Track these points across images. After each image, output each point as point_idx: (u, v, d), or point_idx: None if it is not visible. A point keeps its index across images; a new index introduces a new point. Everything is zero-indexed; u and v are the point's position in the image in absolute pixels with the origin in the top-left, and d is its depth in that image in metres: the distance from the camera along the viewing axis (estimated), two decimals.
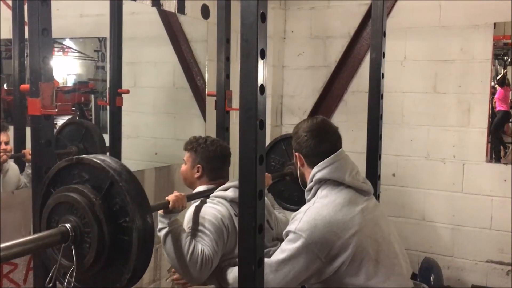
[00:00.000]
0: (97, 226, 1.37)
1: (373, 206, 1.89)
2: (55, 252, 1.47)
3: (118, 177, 1.38)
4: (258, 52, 1.32)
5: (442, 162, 3.53)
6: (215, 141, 2.22)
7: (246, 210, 1.39)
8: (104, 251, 1.38)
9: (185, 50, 3.66)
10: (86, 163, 1.45)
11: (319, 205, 1.78)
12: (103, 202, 1.39)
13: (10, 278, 2.09)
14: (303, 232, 1.70)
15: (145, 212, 1.39)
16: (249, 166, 1.36)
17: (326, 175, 1.81)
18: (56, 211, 1.45)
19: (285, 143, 2.74)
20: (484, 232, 3.42)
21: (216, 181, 2.15)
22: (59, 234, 1.39)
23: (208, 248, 1.88)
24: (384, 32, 2.38)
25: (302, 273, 1.71)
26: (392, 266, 1.78)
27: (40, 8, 1.66)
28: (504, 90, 3.66)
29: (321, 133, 1.88)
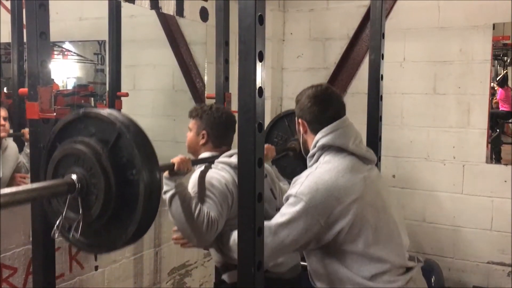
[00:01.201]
0: (104, 177, 1.34)
1: (376, 175, 1.87)
2: (60, 205, 1.44)
3: (126, 130, 1.36)
4: (256, 54, 1.32)
5: (442, 163, 3.52)
6: (220, 108, 2.21)
7: (245, 212, 1.39)
8: (111, 203, 1.36)
9: (184, 53, 3.66)
10: (92, 117, 1.42)
11: (321, 170, 1.75)
12: (110, 154, 1.36)
13: (10, 282, 2.08)
14: (304, 196, 1.68)
15: (152, 165, 1.36)
16: (248, 168, 1.36)
17: (330, 141, 1.78)
18: (62, 163, 1.43)
19: (288, 119, 2.70)
20: (484, 233, 3.41)
21: (221, 148, 2.14)
22: (65, 185, 1.37)
23: (213, 211, 1.87)
24: (383, 33, 2.38)
25: (301, 237, 1.69)
26: (391, 235, 1.77)
27: (38, 12, 1.66)
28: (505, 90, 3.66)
29: (326, 100, 1.86)
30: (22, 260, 2.11)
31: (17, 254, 2.10)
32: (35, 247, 1.83)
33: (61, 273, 2.28)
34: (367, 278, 1.70)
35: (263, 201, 1.41)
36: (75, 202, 1.39)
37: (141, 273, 2.84)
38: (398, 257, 1.76)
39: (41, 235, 1.79)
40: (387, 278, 1.70)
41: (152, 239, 2.90)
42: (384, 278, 1.70)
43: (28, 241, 2.07)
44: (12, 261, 2.08)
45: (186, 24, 3.49)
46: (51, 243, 1.84)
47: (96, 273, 2.51)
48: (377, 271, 1.70)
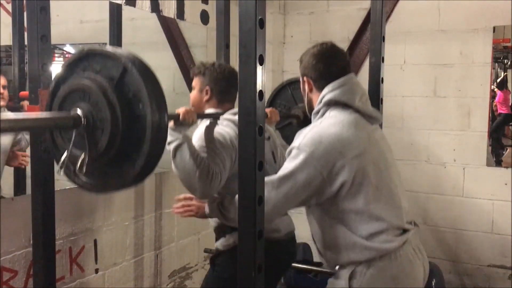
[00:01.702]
0: (110, 110, 1.32)
1: (380, 136, 1.86)
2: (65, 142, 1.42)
3: (131, 64, 1.34)
4: (256, 58, 1.32)
5: (443, 166, 3.52)
6: (222, 64, 2.22)
7: (245, 216, 1.39)
8: (117, 137, 1.34)
9: (185, 56, 3.66)
10: (97, 53, 1.41)
11: (326, 124, 1.73)
12: (117, 89, 1.35)
13: (10, 285, 2.08)
14: (307, 147, 1.66)
15: (159, 100, 1.34)
16: (248, 172, 1.36)
17: (336, 97, 1.76)
18: (67, 100, 1.41)
19: (291, 87, 2.68)
20: (485, 236, 3.41)
21: (225, 104, 2.14)
22: (71, 119, 1.35)
23: (217, 164, 1.87)
24: (383, 36, 2.38)
25: (303, 190, 1.66)
26: (391, 196, 1.76)
27: (39, 15, 1.66)
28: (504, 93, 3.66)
29: (331, 56, 1.84)
30: (23, 263, 2.12)
31: (18, 257, 2.10)
32: (36, 250, 1.83)
33: (61, 276, 2.29)
34: (364, 237, 1.69)
35: (263, 204, 1.41)
36: (81, 139, 1.37)
37: (142, 276, 2.84)
38: (396, 218, 1.75)
39: (41, 237, 1.80)
40: (384, 238, 1.69)
41: (152, 241, 2.90)
42: (381, 237, 1.69)
43: (28, 244, 2.07)
44: (13, 264, 2.08)
45: (187, 27, 3.49)
46: (51, 246, 1.85)
47: (96, 275, 2.51)
48: (375, 230, 1.69)
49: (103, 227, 2.53)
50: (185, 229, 3.14)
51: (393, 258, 1.69)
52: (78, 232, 2.38)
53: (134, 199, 2.75)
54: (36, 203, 1.79)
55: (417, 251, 1.79)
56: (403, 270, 1.71)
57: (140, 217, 2.79)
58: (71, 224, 2.34)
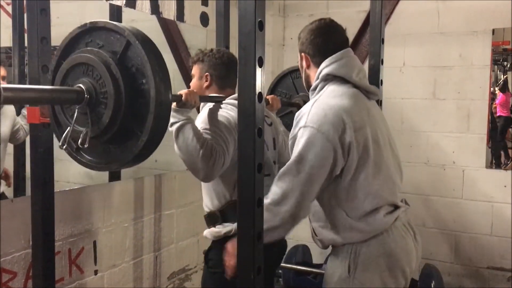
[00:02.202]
0: (113, 85, 1.31)
1: (378, 111, 1.87)
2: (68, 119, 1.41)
3: (134, 38, 1.32)
4: (256, 60, 1.32)
5: (442, 168, 3.53)
6: (221, 50, 2.21)
7: (244, 218, 1.39)
8: (120, 112, 1.32)
9: (184, 58, 3.66)
10: (100, 27, 1.39)
11: (325, 97, 1.73)
12: (120, 63, 1.33)
13: (9, 286, 2.08)
14: (314, 124, 1.64)
15: (162, 74, 1.33)
16: (247, 174, 1.36)
17: (334, 71, 1.76)
18: (70, 74, 1.39)
19: (292, 76, 2.67)
20: (484, 238, 3.41)
21: (225, 90, 2.13)
22: (74, 93, 1.33)
23: (220, 146, 1.86)
24: (382, 38, 2.39)
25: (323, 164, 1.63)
26: (389, 173, 1.77)
27: (39, 17, 1.67)
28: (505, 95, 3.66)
29: (328, 31, 1.84)
30: (22, 264, 2.12)
31: (17, 258, 2.10)
32: (35, 251, 1.84)
33: (60, 277, 2.29)
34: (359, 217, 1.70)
35: (262, 206, 1.41)
36: (83, 114, 1.34)
37: (141, 278, 2.84)
38: (391, 194, 1.77)
39: (41, 239, 1.80)
40: (377, 217, 1.71)
41: (151, 243, 2.90)
42: (375, 216, 1.71)
43: (28, 245, 2.08)
44: (12, 265, 2.08)
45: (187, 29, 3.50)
46: (50, 247, 1.85)
47: (95, 277, 2.51)
48: (371, 208, 1.70)
49: (103, 228, 2.53)
50: (185, 230, 3.14)
51: (386, 235, 1.72)
52: (77, 233, 2.38)
53: (134, 201, 2.75)
54: (35, 205, 1.80)
55: (408, 227, 1.81)
56: (396, 245, 1.73)
57: (140, 218, 2.79)
58: (70, 226, 2.34)
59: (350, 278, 1.72)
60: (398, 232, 1.75)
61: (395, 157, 1.88)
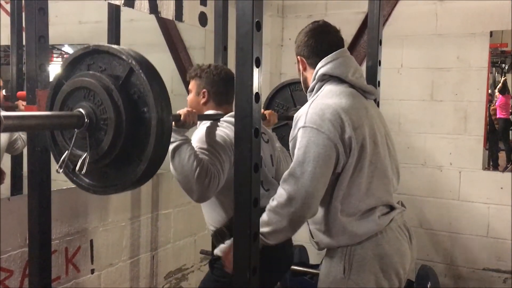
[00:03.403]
0: (115, 112, 1.29)
1: (376, 110, 1.87)
2: (67, 142, 1.39)
3: (138, 65, 1.31)
4: (253, 60, 1.33)
5: (439, 170, 3.53)
6: (218, 66, 2.21)
7: (241, 217, 1.39)
8: (120, 140, 1.31)
9: (183, 57, 3.67)
10: (103, 51, 1.38)
11: (323, 97, 1.73)
12: (122, 90, 1.31)
13: (6, 285, 2.08)
14: (313, 124, 1.64)
15: (164, 104, 1.32)
16: (244, 174, 1.37)
17: (330, 70, 1.76)
18: (70, 97, 1.37)
19: (291, 88, 2.67)
20: (481, 239, 3.42)
21: (223, 106, 2.13)
22: (74, 117, 1.32)
23: (215, 166, 1.86)
24: (380, 40, 2.39)
25: (326, 163, 1.63)
26: (385, 172, 1.77)
27: (37, 16, 1.67)
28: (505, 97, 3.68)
29: (323, 32, 1.84)
30: (19, 262, 2.12)
31: (14, 256, 2.10)
32: (32, 250, 1.84)
33: (57, 276, 2.29)
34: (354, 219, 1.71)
35: (259, 206, 1.41)
36: (83, 139, 1.34)
37: (138, 277, 2.84)
38: (386, 194, 1.77)
39: (37, 237, 1.80)
40: (372, 218, 1.71)
41: (148, 242, 2.90)
42: (370, 217, 1.71)
43: (24, 243, 2.07)
44: (9, 264, 2.08)
45: (185, 29, 3.50)
46: (47, 246, 1.85)
47: (92, 276, 2.51)
48: (366, 208, 1.71)
49: (99, 227, 2.53)
50: (182, 230, 3.15)
51: (380, 236, 1.73)
52: (74, 232, 2.38)
53: (131, 200, 2.75)
54: (32, 203, 1.79)
55: (404, 229, 1.82)
56: (390, 247, 1.74)
57: (137, 218, 2.80)
58: (67, 224, 2.34)
59: (345, 279, 1.72)
60: (392, 233, 1.76)
61: (393, 157, 1.88)
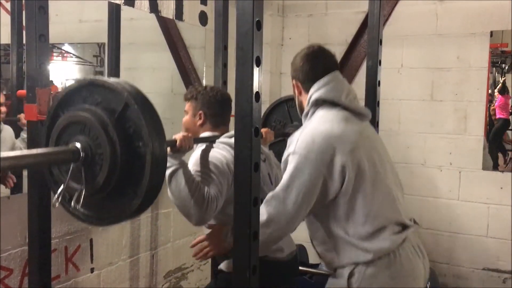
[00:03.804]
0: (110, 147, 1.31)
1: (372, 131, 1.87)
2: (62, 174, 1.41)
3: (134, 100, 1.32)
4: (253, 59, 1.33)
5: (439, 170, 3.53)
6: (214, 88, 2.22)
7: (240, 217, 1.39)
8: (115, 174, 1.32)
9: (183, 56, 3.67)
10: (99, 85, 1.39)
11: (315, 123, 1.75)
12: (117, 124, 1.33)
13: (5, 283, 2.08)
14: (301, 150, 1.66)
15: (160, 137, 1.33)
16: (244, 173, 1.36)
17: (323, 95, 1.78)
18: (66, 131, 1.39)
19: (288, 104, 2.68)
20: (480, 239, 3.42)
21: (219, 128, 2.14)
22: (69, 152, 1.34)
23: (213, 189, 1.86)
24: (380, 40, 2.39)
25: (311, 192, 1.65)
26: (388, 191, 1.75)
27: (37, 15, 1.67)
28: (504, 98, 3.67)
29: (317, 57, 1.86)
30: (18, 261, 2.12)
31: (13, 255, 2.10)
32: (32, 249, 1.84)
33: (57, 274, 2.29)
34: (363, 238, 1.68)
35: (258, 205, 1.41)
36: (78, 172, 1.35)
37: (137, 276, 2.84)
38: (394, 213, 1.74)
39: (37, 236, 1.80)
40: (383, 236, 1.68)
41: (148, 241, 2.90)
42: (380, 236, 1.68)
43: (24, 242, 2.08)
44: (8, 262, 2.08)
45: (186, 28, 3.50)
46: (47, 244, 1.85)
47: (91, 275, 2.51)
48: (374, 228, 1.68)
49: (99, 226, 2.53)
50: (181, 229, 3.14)
51: (393, 256, 1.69)
52: (74, 231, 2.38)
53: None
54: (32, 202, 1.79)
55: (417, 249, 1.78)
56: (402, 268, 1.70)
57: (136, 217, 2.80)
58: (67, 223, 2.34)
59: None
60: (405, 255, 1.71)
61: (395, 175, 1.86)
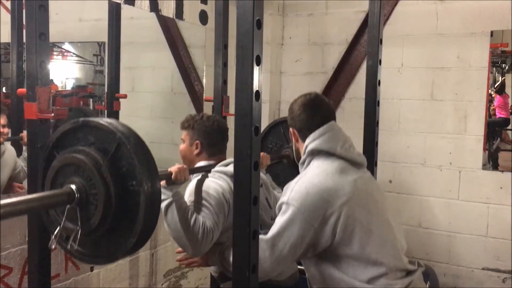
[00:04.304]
0: (103, 187, 1.33)
1: (368, 178, 1.89)
2: (58, 214, 1.43)
3: (126, 140, 1.35)
4: (253, 58, 1.33)
5: (439, 169, 3.53)
6: (211, 117, 2.22)
7: (240, 215, 1.39)
8: (110, 213, 1.34)
9: (183, 56, 3.66)
10: (92, 126, 1.41)
11: (310, 174, 1.78)
12: (110, 164, 1.35)
13: (5, 282, 2.08)
14: (295, 201, 1.69)
15: (152, 176, 1.35)
16: (243, 172, 1.37)
17: (318, 146, 1.81)
18: (61, 173, 1.41)
19: (283, 126, 2.69)
20: (480, 239, 3.42)
21: (216, 156, 2.14)
22: (64, 195, 1.35)
23: (209, 220, 1.87)
24: (380, 39, 2.39)
25: (298, 244, 1.68)
26: (386, 237, 1.77)
27: (37, 13, 1.66)
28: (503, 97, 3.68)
29: (314, 107, 1.89)
30: (18, 260, 2.12)
31: (13, 254, 2.10)
32: (31, 247, 1.83)
33: (56, 273, 2.29)
34: (364, 281, 1.69)
35: (258, 204, 1.41)
36: (74, 213, 1.38)
37: (137, 275, 2.84)
38: (394, 260, 1.75)
39: (37, 235, 1.80)
40: (384, 282, 1.69)
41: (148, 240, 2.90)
42: (381, 281, 1.69)
43: (24, 241, 2.08)
44: (8, 261, 2.08)
45: (186, 27, 3.50)
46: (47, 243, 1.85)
47: (91, 274, 2.51)
48: (374, 275, 1.69)
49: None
50: None
51: None
52: None
53: None
54: None
55: None
56: None
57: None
58: None
59: None
60: None
61: (394, 219, 1.88)
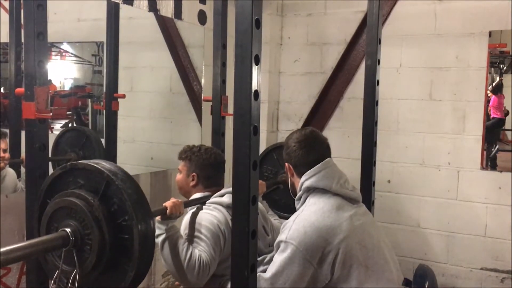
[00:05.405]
0: (97, 227, 1.36)
1: (363, 213, 1.91)
2: (55, 258, 1.46)
3: (114, 177, 1.38)
4: (252, 58, 1.33)
5: (437, 169, 3.53)
6: (209, 149, 2.24)
7: (239, 215, 1.39)
8: (106, 252, 1.38)
9: (182, 55, 3.67)
10: (80, 168, 1.46)
11: (307, 212, 1.81)
12: (101, 203, 1.39)
13: (3, 282, 2.08)
14: (293, 240, 1.73)
15: (143, 209, 1.38)
16: (242, 172, 1.37)
17: (314, 183, 1.85)
18: (55, 217, 1.45)
19: (276, 153, 2.74)
20: (478, 239, 3.42)
21: (212, 188, 2.17)
22: (60, 239, 1.39)
23: (206, 253, 1.89)
24: (379, 39, 2.40)
25: (298, 282, 1.72)
26: (382, 272, 1.80)
27: (36, 13, 1.67)
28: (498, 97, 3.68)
29: (309, 144, 1.93)
30: None
31: None
32: None
33: None
34: None
35: (257, 205, 1.41)
36: (70, 255, 1.40)
37: None
38: None
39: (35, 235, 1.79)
40: None
41: None
42: None
43: (22, 240, 2.06)
44: None
45: (184, 27, 3.50)
46: None
47: None
48: None
49: None
50: None
51: None
52: None
53: None
54: (30, 200, 1.79)
55: None
56: None
57: None
58: None
59: None
60: None
61: (390, 252, 1.91)
